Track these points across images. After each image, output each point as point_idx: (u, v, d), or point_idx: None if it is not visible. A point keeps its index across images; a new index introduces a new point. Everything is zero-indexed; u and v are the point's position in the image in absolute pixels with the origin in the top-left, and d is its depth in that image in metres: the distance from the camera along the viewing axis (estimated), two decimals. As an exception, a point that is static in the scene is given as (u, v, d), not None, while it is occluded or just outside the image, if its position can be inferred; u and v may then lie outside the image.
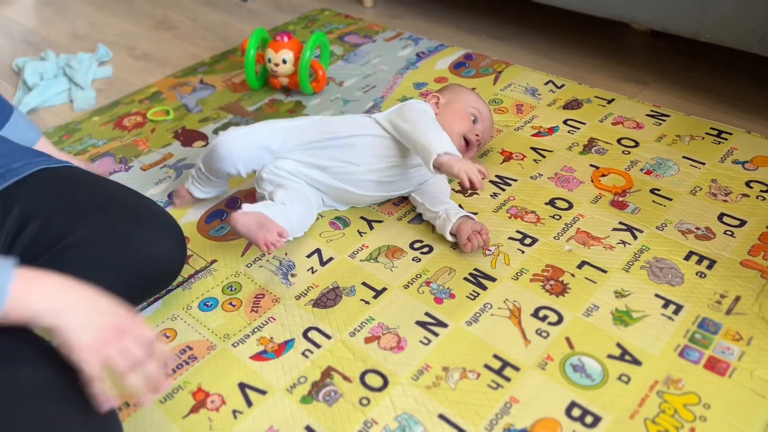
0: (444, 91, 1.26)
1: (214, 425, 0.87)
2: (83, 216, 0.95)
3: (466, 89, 1.27)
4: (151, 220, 0.99)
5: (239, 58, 1.76)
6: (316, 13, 2.00)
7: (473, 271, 1.05)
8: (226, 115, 1.54)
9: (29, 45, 1.99)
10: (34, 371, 0.71)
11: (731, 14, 1.29)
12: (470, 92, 1.26)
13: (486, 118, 1.22)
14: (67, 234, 0.92)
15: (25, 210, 0.93)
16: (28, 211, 0.93)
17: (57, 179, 0.97)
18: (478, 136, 1.18)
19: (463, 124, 1.17)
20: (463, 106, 1.20)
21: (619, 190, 1.18)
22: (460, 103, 1.20)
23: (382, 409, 0.87)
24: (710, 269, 1.02)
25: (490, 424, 0.84)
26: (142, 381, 0.71)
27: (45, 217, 0.93)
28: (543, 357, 0.91)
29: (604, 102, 1.43)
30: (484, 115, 1.21)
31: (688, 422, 0.82)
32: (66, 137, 1.51)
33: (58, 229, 0.92)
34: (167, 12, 2.15)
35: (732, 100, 1.42)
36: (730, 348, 0.90)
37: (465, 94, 1.24)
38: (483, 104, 1.23)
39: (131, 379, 0.70)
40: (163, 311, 1.05)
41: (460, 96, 1.23)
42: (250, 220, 1.00)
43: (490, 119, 1.23)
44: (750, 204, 1.13)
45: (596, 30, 1.75)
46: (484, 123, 1.21)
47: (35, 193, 0.94)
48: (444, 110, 1.19)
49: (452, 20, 1.89)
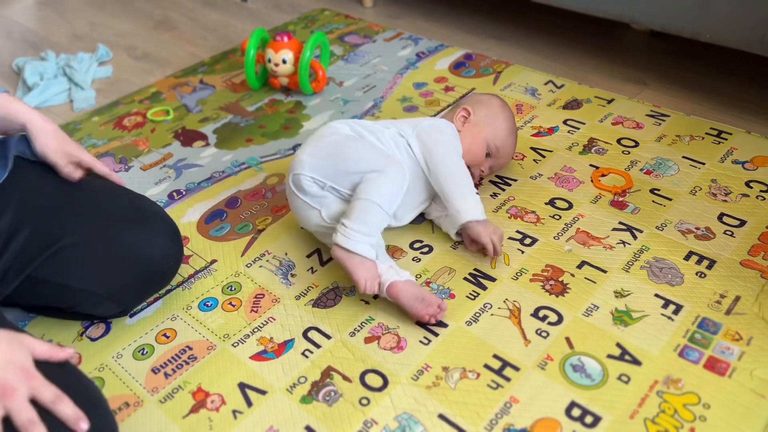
0: (478, 105, 1.16)
1: (214, 425, 0.87)
2: (76, 217, 0.95)
3: (502, 112, 1.16)
4: (145, 218, 0.99)
5: (239, 58, 1.76)
6: (316, 13, 2.00)
7: (473, 271, 1.05)
8: (226, 115, 1.54)
9: (29, 45, 1.99)
10: None
11: (731, 14, 1.29)
12: (503, 119, 1.15)
13: (505, 151, 1.16)
14: (61, 236, 0.92)
15: (17, 213, 0.92)
16: (20, 213, 0.92)
17: (46, 179, 0.97)
18: (482, 172, 1.16)
19: (475, 157, 1.13)
20: (485, 137, 1.13)
21: (619, 190, 1.18)
22: (484, 133, 1.13)
23: (382, 409, 0.87)
24: (710, 269, 1.02)
25: (490, 424, 0.84)
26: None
27: (38, 220, 0.93)
28: (543, 357, 0.91)
29: (604, 102, 1.43)
30: (502, 152, 1.15)
31: (688, 422, 0.82)
32: (66, 137, 1.52)
33: (51, 232, 0.92)
34: (167, 12, 2.15)
35: (732, 100, 1.42)
36: (730, 348, 0.90)
37: (497, 121, 1.15)
38: (508, 137, 1.15)
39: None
40: (163, 311, 1.05)
41: (490, 122, 1.14)
42: (411, 294, 0.96)
43: (509, 155, 1.18)
44: (750, 204, 1.13)
45: (596, 30, 1.74)
46: (497, 160, 1.16)
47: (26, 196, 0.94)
48: (466, 132, 1.13)
49: (452, 20, 1.89)
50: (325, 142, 1.06)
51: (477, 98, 1.19)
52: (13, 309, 1.06)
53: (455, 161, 1.08)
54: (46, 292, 0.95)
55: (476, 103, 1.17)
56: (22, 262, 0.92)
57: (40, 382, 0.67)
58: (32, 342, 0.71)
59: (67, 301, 0.97)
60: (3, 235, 0.91)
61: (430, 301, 0.95)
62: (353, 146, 1.06)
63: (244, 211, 1.23)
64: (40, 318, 1.05)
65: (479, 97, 1.20)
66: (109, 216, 0.96)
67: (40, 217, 0.93)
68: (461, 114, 1.15)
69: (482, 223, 1.03)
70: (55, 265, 0.92)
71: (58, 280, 0.93)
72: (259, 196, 1.27)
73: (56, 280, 0.93)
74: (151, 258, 0.98)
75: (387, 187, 0.99)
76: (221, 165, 1.37)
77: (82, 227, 0.93)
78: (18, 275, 0.92)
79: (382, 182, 0.99)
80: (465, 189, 1.05)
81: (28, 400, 0.65)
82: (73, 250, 0.93)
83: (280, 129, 1.47)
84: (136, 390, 0.93)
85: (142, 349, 0.99)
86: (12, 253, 0.91)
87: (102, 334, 1.02)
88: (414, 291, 0.96)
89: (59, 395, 0.67)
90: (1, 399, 0.64)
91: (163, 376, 0.94)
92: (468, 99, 1.21)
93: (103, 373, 0.96)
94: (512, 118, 1.18)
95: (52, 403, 0.67)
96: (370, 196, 0.98)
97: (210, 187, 1.31)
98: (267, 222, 1.20)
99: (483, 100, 1.18)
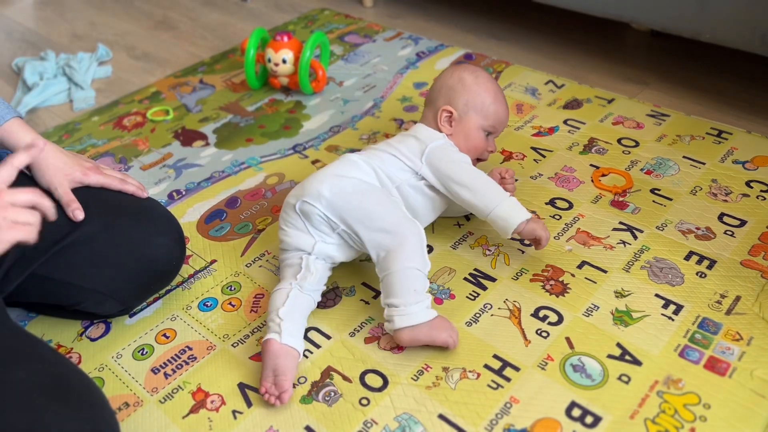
0: (454, 95, 1.10)
1: (213, 425, 0.87)
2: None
3: (477, 84, 1.10)
4: (150, 217, 0.99)
5: (239, 58, 1.76)
6: (316, 13, 2.00)
7: (473, 271, 1.05)
8: (226, 115, 1.54)
9: (29, 45, 1.99)
10: (26, 370, 0.71)
11: (731, 14, 1.29)
12: (484, 92, 1.10)
13: (501, 122, 1.12)
14: (65, 234, 0.92)
15: None
16: None
17: None
18: (490, 151, 1.14)
19: (477, 149, 1.10)
20: (478, 126, 1.09)
21: (619, 190, 1.18)
22: (474, 122, 1.09)
23: (382, 409, 0.87)
24: (710, 269, 1.02)
25: (490, 424, 0.84)
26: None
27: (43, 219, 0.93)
28: (543, 357, 0.91)
29: (604, 102, 1.43)
30: (498, 123, 1.12)
31: (688, 422, 0.81)
32: (66, 137, 1.51)
33: (58, 230, 0.92)
34: (167, 12, 2.15)
35: (732, 100, 1.42)
36: (730, 348, 0.90)
37: (479, 99, 1.09)
38: (497, 106, 1.10)
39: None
40: (162, 311, 1.05)
41: (474, 105, 1.09)
42: (444, 329, 0.92)
43: (505, 120, 1.13)
44: (750, 204, 1.13)
45: (596, 30, 1.74)
46: (498, 130, 1.13)
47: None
48: (457, 132, 1.09)
49: (452, 20, 1.89)
50: (349, 187, 0.99)
51: (448, 85, 1.11)
52: (13, 309, 1.06)
53: (472, 177, 1.03)
54: (49, 290, 0.95)
55: (451, 94, 1.10)
56: (27, 260, 0.92)
57: (13, 192, 0.71)
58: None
59: (70, 299, 0.97)
60: None
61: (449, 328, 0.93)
62: (377, 200, 0.99)
63: (243, 210, 1.23)
64: (40, 318, 1.05)
65: (450, 83, 1.11)
66: (113, 214, 0.96)
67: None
68: (443, 116, 1.10)
69: (534, 223, 0.99)
70: (59, 262, 0.93)
71: (62, 278, 0.93)
72: (259, 196, 1.27)
73: (60, 278, 0.93)
74: (154, 257, 0.98)
75: (415, 250, 0.94)
76: (221, 165, 1.37)
77: (86, 225, 0.93)
78: (21, 273, 0.92)
79: (409, 249, 0.94)
80: (495, 197, 1.00)
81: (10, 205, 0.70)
82: (77, 248, 0.93)
83: (280, 129, 1.47)
84: (135, 390, 0.93)
85: (142, 349, 0.99)
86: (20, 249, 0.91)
87: (102, 334, 1.02)
88: (446, 326, 0.93)
89: (35, 191, 0.72)
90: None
91: (162, 376, 0.94)
92: (439, 91, 1.12)
93: (103, 373, 0.96)
94: (490, 83, 1.11)
95: (30, 202, 0.72)
96: (405, 264, 0.92)
97: (210, 186, 1.31)
98: (267, 222, 1.20)
99: (454, 86, 1.10)
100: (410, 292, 0.91)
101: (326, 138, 1.42)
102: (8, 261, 0.91)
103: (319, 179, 1.01)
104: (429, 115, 1.13)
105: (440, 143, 1.07)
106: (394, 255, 0.93)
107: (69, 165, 0.96)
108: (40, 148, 0.77)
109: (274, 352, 0.90)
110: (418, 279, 0.92)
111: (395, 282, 0.92)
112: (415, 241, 0.95)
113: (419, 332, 0.90)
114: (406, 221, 0.98)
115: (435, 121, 1.11)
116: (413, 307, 0.90)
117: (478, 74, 1.12)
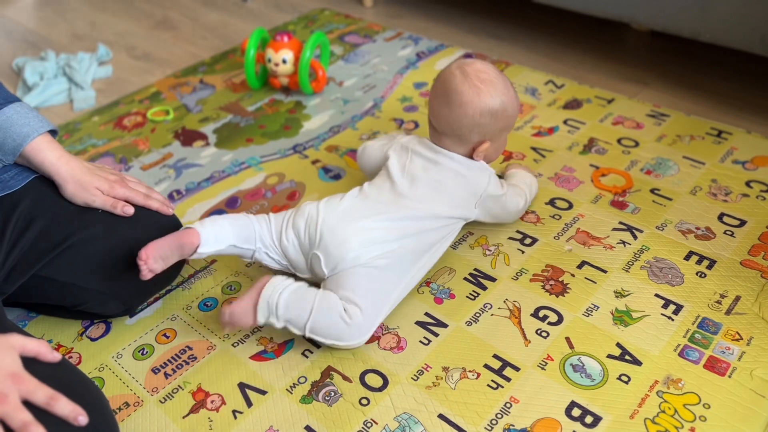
0: (489, 129, 1.02)
1: (214, 425, 0.87)
2: (84, 215, 0.95)
3: (506, 108, 1.01)
4: (151, 217, 1.00)
5: (239, 58, 1.76)
6: (316, 13, 2.00)
7: (473, 271, 1.05)
8: (226, 115, 1.54)
9: (29, 45, 1.99)
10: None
11: (731, 14, 1.29)
12: (511, 108, 1.03)
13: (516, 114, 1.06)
14: (68, 235, 0.92)
15: (26, 215, 0.93)
16: (29, 216, 0.93)
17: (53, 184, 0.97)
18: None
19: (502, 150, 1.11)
20: (506, 134, 1.07)
21: (619, 190, 1.18)
22: (504, 136, 1.07)
23: (382, 409, 0.87)
24: (710, 269, 1.02)
25: (490, 424, 0.84)
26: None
27: (46, 222, 0.93)
28: (543, 357, 0.91)
29: (604, 102, 1.43)
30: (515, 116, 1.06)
31: (688, 422, 0.82)
32: (66, 137, 1.52)
33: (59, 233, 0.93)
34: (167, 12, 2.15)
35: (732, 100, 1.42)
36: (730, 348, 0.90)
37: (511, 117, 1.04)
38: (515, 105, 1.04)
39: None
40: (162, 311, 1.05)
41: (508, 123, 1.04)
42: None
43: (517, 110, 1.06)
44: (750, 204, 1.13)
45: (596, 30, 1.75)
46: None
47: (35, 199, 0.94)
48: (492, 154, 1.07)
49: (452, 20, 1.89)
50: (374, 260, 0.94)
51: (479, 123, 1.01)
52: (13, 309, 1.06)
53: (519, 209, 1.11)
54: (52, 291, 0.96)
55: (485, 130, 1.02)
56: (29, 261, 0.92)
57: (32, 385, 0.66)
58: (21, 341, 0.70)
59: (73, 300, 0.97)
60: (14, 234, 0.91)
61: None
62: (386, 289, 0.95)
63: (243, 210, 1.23)
64: (40, 318, 1.05)
65: (480, 121, 1.01)
66: (115, 215, 0.97)
67: (51, 218, 0.93)
68: (482, 149, 1.03)
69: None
70: (62, 264, 0.93)
71: (65, 279, 0.94)
72: (259, 196, 1.27)
73: (62, 279, 0.93)
74: None
75: (342, 329, 0.91)
76: (221, 165, 1.37)
77: (88, 227, 0.94)
78: (24, 274, 0.92)
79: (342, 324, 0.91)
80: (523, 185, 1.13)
81: (20, 402, 0.65)
82: (80, 249, 0.93)
83: (280, 129, 1.47)
84: (136, 390, 0.93)
85: (142, 349, 0.99)
86: (21, 251, 0.91)
87: (102, 334, 1.02)
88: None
89: (52, 395, 0.67)
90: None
91: (163, 376, 0.94)
92: (470, 129, 1.01)
93: (103, 373, 0.96)
94: (504, 85, 1.02)
95: (46, 404, 0.66)
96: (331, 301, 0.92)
97: (210, 186, 1.31)
98: (267, 222, 1.20)
99: (486, 123, 1.01)
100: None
101: (326, 138, 1.42)
102: (12, 261, 0.91)
103: (353, 228, 0.95)
104: (456, 146, 1.04)
105: (492, 188, 1.04)
106: (335, 291, 0.93)
107: (97, 179, 0.97)
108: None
109: (179, 233, 0.95)
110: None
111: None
112: (351, 341, 0.92)
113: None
114: (375, 321, 0.93)
115: (465, 150, 1.04)
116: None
117: (492, 82, 1.01)
